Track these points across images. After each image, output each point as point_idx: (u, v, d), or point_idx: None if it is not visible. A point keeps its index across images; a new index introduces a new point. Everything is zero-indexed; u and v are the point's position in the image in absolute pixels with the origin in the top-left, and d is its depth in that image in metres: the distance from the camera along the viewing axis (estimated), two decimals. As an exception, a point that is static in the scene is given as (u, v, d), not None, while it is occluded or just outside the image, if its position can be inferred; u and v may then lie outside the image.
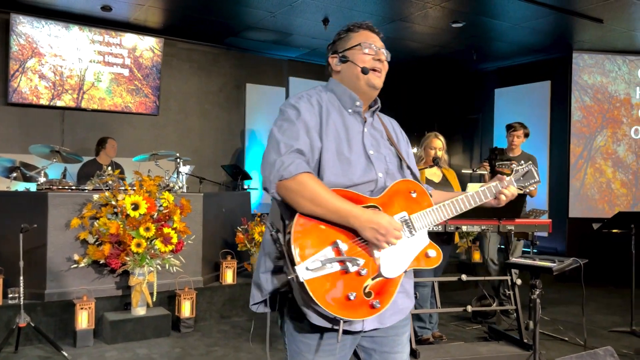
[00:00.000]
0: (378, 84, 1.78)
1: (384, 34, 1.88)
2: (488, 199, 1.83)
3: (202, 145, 7.76)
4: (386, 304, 1.61)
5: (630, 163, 7.60)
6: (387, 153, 1.81)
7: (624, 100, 7.59)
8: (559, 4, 5.73)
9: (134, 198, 4.29)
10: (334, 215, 1.56)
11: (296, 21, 6.53)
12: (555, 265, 2.67)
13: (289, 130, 1.65)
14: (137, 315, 4.34)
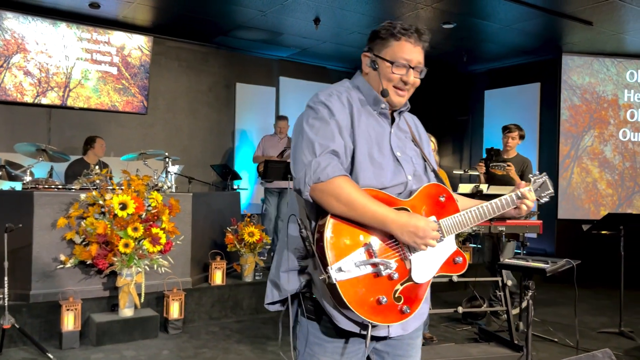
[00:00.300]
0: (398, 103, 1.73)
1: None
2: (510, 207, 1.78)
3: (191, 145, 7.69)
4: (415, 309, 1.59)
5: (617, 164, 7.65)
6: (413, 155, 1.77)
7: (612, 101, 7.65)
8: (549, 6, 5.75)
9: (121, 198, 4.23)
10: (371, 219, 1.53)
11: (287, 20, 6.49)
12: (549, 267, 2.67)
13: (322, 130, 1.60)
14: (124, 316, 4.28)
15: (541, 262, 2.70)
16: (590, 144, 7.65)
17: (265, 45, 7.75)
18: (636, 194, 7.63)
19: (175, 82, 7.58)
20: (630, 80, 7.57)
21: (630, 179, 7.65)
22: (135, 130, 7.26)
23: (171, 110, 7.57)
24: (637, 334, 4.83)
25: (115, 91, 7.08)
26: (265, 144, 6.91)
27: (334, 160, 1.55)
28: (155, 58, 7.32)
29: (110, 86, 7.04)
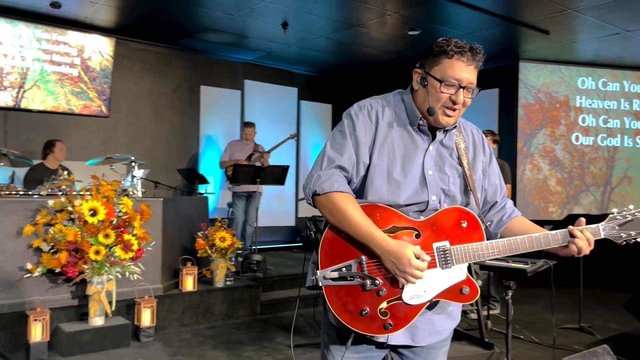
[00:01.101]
0: (445, 124, 1.67)
1: (341, 39, 1.83)
2: (558, 244, 1.63)
3: (155, 149, 7.55)
4: (400, 327, 1.59)
5: (566, 163, 7.94)
6: (452, 173, 1.70)
7: (563, 102, 7.94)
8: (509, 15, 5.97)
9: (92, 204, 4.12)
10: (360, 239, 1.57)
11: (254, 24, 6.48)
12: (529, 267, 2.78)
13: (338, 144, 1.66)
14: (94, 325, 4.17)
15: (521, 263, 2.82)
16: (542, 142, 7.92)
17: (230, 48, 7.70)
18: (583, 192, 7.93)
19: (138, 85, 7.43)
20: (581, 87, 7.93)
21: (578, 178, 7.95)
22: (97, 134, 7.07)
23: (134, 113, 7.41)
24: (595, 329, 5.08)
25: (73, 94, 6.87)
26: (233, 149, 6.86)
27: (336, 175, 1.61)
28: (118, 60, 7.15)
29: (67, 89, 6.83)
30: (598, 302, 6.30)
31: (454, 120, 1.68)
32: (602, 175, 7.95)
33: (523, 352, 4.35)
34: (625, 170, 7.97)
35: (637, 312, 4.45)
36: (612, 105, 7.97)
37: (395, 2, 5.66)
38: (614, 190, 7.97)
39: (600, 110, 7.95)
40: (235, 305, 5.26)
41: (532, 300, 6.25)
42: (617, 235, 1.63)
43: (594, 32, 6.36)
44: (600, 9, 5.52)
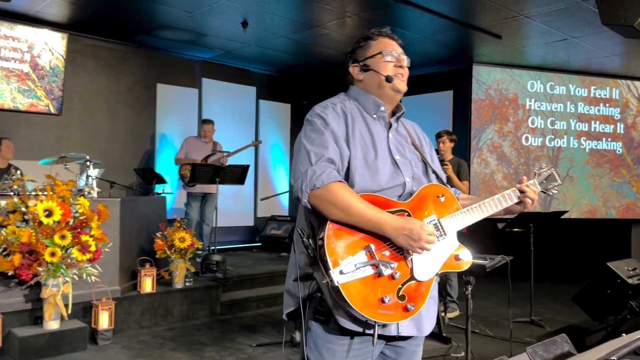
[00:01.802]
0: (403, 88, 1.82)
1: (301, 39, 1.92)
2: (514, 201, 1.83)
3: (110, 148, 7.36)
4: (420, 306, 1.62)
5: (513, 159, 8.16)
6: (413, 158, 1.82)
7: (512, 100, 8.18)
8: (464, 20, 6.15)
9: (47, 204, 4.00)
10: (367, 224, 1.58)
11: (214, 22, 6.43)
12: (488, 263, 2.90)
13: (318, 140, 1.67)
14: (50, 329, 4.05)
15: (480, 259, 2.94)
16: (490, 137, 8.10)
17: (188, 46, 7.60)
18: None
19: (92, 82, 7.23)
20: (530, 90, 8.25)
21: (523, 174, 8.22)
22: (49, 132, 6.84)
23: (88, 111, 7.20)
24: (545, 321, 5.31)
25: (20, 92, 6.60)
26: (189, 147, 6.76)
27: (329, 167, 1.62)
28: (71, 56, 6.93)
29: (14, 86, 6.56)
30: (547, 296, 6.58)
31: (405, 86, 1.83)
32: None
33: (479, 346, 4.51)
34: (567, 169, 8.31)
35: (585, 305, 4.70)
36: (559, 107, 8.33)
37: (356, 4, 5.74)
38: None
39: (548, 112, 8.29)
40: (195, 306, 5.21)
41: (484, 295, 6.47)
42: (545, 187, 1.94)
43: (542, 38, 6.63)
44: (549, 16, 5.77)
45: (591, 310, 4.65)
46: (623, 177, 8.45)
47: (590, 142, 8.39)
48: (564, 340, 1.42)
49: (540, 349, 1.36)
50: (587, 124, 8.39)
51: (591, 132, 8.39)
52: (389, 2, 5.55)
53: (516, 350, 4.30)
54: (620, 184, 8.43)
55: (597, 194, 8.34)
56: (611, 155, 8.44)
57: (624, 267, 4.42)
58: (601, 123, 8.44)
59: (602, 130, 8.45)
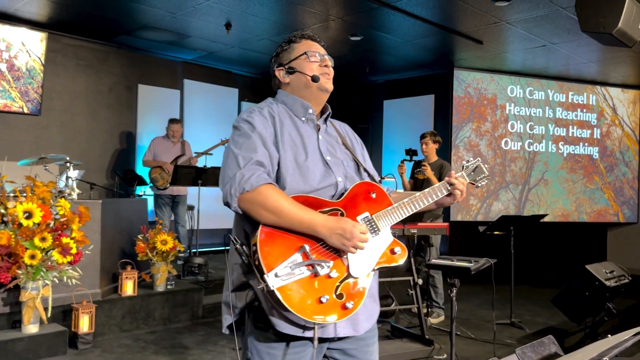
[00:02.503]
0: (329, 87, 1.83)
1: (281, 42, 1.93)
2: (444, 194, 1.86)
3: (90, 148, 7.26)
4: (358, 304, 1.61)
5: (489, 159, 8.22)
6: (344, 157, 1.84)
7: (491, 100, 8.25)
8: (446, 25, 6.22)
9: (26, 205, 3.93)
10: (299, 225, 1.57)
11: (197, 23, 6.39)
12: (472, 265, 2.94)
13: (245, 144, 1.65)
14: (28, 333, 3.97)
15: (465, 262, 2.97)
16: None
17: (170, 47, 7.55)
18: (503, 189, 8.22)
19: (72, 82, 7.12)
20: (510, 95, 8.37)
21: (499, 175, 8.24)
22: (28, 133, 6.71)
23: (68, 111, 7.09)
24: (525, 323, 5.39)
25: None
26: (157, 148, 6.67)
27: (259, 170, 1.60)
28: (51, 56, 6.82)
29: None
30: (526, 298, 6.68)
31: (332, 85, 1.84)
32: (522, 174, 8.33)
33: (461, 348, 4.55)
34: (542, 172, 8.45)
35: (563, 307, 4.78)
36: (538, 112, 8.47)
37: (340, 7, 5.77)
38: (531, 190, 8.37)
39: (527, 116, 8.42)
40: (177, 309, 5.16)
41: (465, 297, 6.54)
42: (473, 179, 1.99)
43: (523, 44, 6.74)
44: (529, 22, 5.88)
45: (570, 312, 4.73)
46: (596, 184, 8.61)
47: (568, 146, 8.55)
48: (551, 342, 1.45)
49: (529, 350, 1.38)
50: (564, 129, 8.55)
51: (568, 137, 8.55)
52: (373, 5, 5.59)
53: (499, 352, 4.36)
54: (593, 190, 8.59)
55: (571, 199, 8.48)
56: (585, 162, 8.60)
57: (601, 269, 4.51)
58: (578, 128, 8.61)
59: (579, 135, 8.62)
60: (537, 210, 8.29)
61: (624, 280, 4.58)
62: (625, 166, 8.75)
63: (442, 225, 4.58)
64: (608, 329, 4.65)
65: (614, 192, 8.67)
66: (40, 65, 6.72)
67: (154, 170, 6.49)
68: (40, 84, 6.73)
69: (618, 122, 8.76)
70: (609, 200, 8.64)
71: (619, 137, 8.77)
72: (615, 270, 4.63)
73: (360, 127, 9.75)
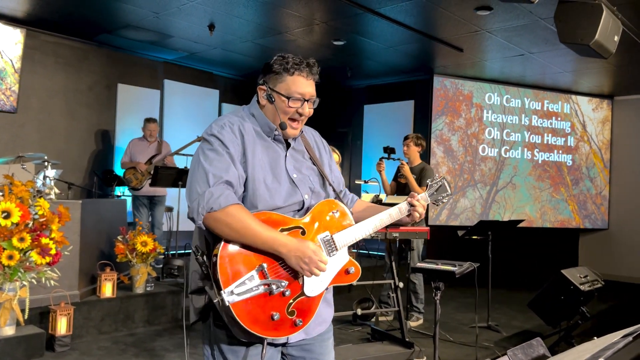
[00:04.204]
0: (292, 135, 1.85)
1: (267, 45, 1.93)
2: (404, 214, 1.92)
3: (68, 148, 7.14)
4: (308, 320, 1.71)
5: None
6: (310, 173, 1.88)
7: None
8: (428, 32, 6.31)
9: (4, 205, 3.86)
10: (262, 244, 1.63)
11: (180, 24, 6.36)
12: (457, 269, 2.99)
13: (216, 161, 1.69)
14: (4, 335, 3.89)
15: (450, 266, 3.02)
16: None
17: (150, 47, 7.48)
18: (471, 187, 8.33)
19: (50, 80, 7.00)
20: (488, 102, 8.52)
21: (468, 172, 8.34)
22: (4, 131, 6.57)
23: (46, 109, 6.96)
24: (501, 326, 5.49)
25: None
26: (133, 149, 6.61)
27: (227, 190, 1.65)
28: (29, 53, 6.69)
29: None
30: (502, 301, 6.80)
31: (298, 132, 1.86)
32: (491, 175, 8.45)
33: (441, 351, 4.56)
34: (511, 176, 8.60)
35: (539, 310, 4.89)
36: (514, 120, 8.64)
37: (324, 12, 5.80)
38: (499, 191, 8.50)
39: (503, 124, 8.57)
40: (156, 311, 5.12)
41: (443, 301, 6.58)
42: (435, 199, 2.03)
43: (501, 52, 6.88)
44: (509, 32, 6.01)
45: (545, 315, 4.84)
46: (561, 195, 8.81)
47: (543, 153, 8.74)
48: (539, 344, 1.51)
49: (520, 352, 1.44)
50: (539, 137, 8.74)
51: (543, 144, 8.74)
52: (357, 11, 5.64)
53: (478, 353, 4.44)
54: (558, 201, 8.77)
55: (536, 206, 8.65)
56: (553, 172, 8.77)
57: (576, 274, 4.63)
58: (553, 136, 8.81)
59: (554, 142, 8.82)
60: (503, 212, 8.41)
61: (597, 285, 4.71)
62: (590, 182, 8.96)
63: (423, 229, 4.64)
64: (581, 332, 4.77)
65: (577, 205, 8.86)
66: (12, 66, 6.56)
67: (128, 171, 6.42)
68: (9, 86, 6.57)
69: (587, 139, 8.99)
70: (573, 212, 8.83)
71: (587, 153, 8.97)
72: (589, 275, 4.76)
73: (341, 131, 9.82)
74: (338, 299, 6.25)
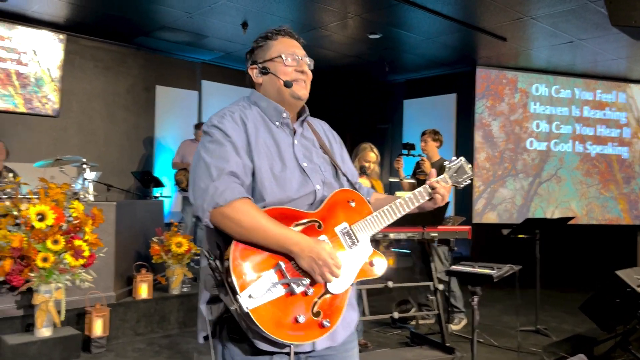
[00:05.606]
0: (303, 95, 1.71)
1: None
2: (425, 199, 1.78)
3: (108, 151, 7.26)
4: (336, 321, 1.56)
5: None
6: (321, 162, 1.74)
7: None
8: (469, 21, 6.05)
9: (39, 208, 3.89)
10: (273, 243, 1.49)
11: (214, 23, 6.34)
12: (495, 273, 2.78)
13: (217, 152, 1.56)
14: (42, 336, 3.92)
15: (487, 269, 2.82)
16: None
17: (188, 48, 7.51)
18: (510, 176, 7.90)
19: (90, 84, 7.13)
20: (535, 93, 8.13)
21: (508, 161, 7.91)
22: (46, 134, 6.74)
23: (86, 113, 7.10)
24: (551, 330, 5.18)
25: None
26: (185, 150, 6.65)
27: (233, 182, 1.52)
28: (69, 57, 6.84)
29: None
30: (553, 304, 6.45)
31: (307, 92, 1.73)
32: (534, 166, 8.01)
33: (484, 356, 4.38)
34: (556, 168, 8.14)
35: (592, 314, 4.56)
36: (563, 111, 8.20)
37: (357, 5, 5.64)
38: (542, 184, 8.05)
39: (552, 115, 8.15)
40: (192, 313, 5.08)
41: (489, 303, 6.34)
42: (456, 180, 1.87)
43: (548, 40, 6.52)
44: (556, 17, 5.67)
45: (599, 319, 4.51)
46: (611, 192, 8.26)
47: (596, 146, 8.26)
48: (583, 361, 1.30)
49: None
50: (592, 128, 8.26)
51: (595, 136, 8.26)
52: (392, 2, 5.45)
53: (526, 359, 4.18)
54: (607, 198, 8.22)
55: (583, 202, 8.14)
56: (603, 168, 8.24)
57: (633, 275, 4.29)
58: (607, 127, 8.31)
59: (608, 134, 8.32)
60: (546, 206, 7.97)
61: (657, 287, 4.35)
62: (643, 180, 8.39)
63: (464, 228, 4.41)
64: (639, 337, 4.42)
65: (628, 204, 8.30)
66: (49, 75, 6.71)
67: (179, 172, 6.49)
68: (45, 94, 6.72)
69: (641, 134, 8.43)
70: (622, 211, 8.27)
71: (640, 151, 8.42)
72: (647, 276, 4.40)
73: (380, 128, 9.61)
74: (376, 301, 6.11)
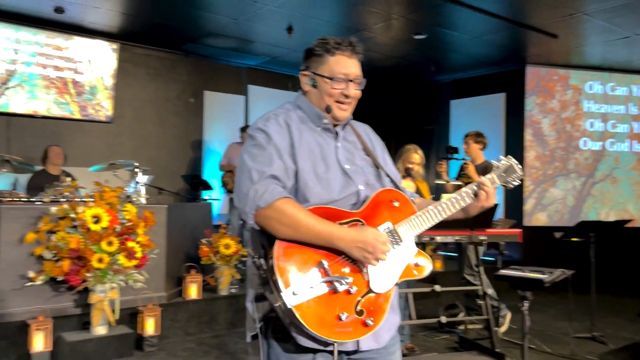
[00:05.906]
0: (342, 117, 1.74)
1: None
2: (471, 198, 1.77)
3: (159, 155, 7.49)
4: (380, 320, 1.57)
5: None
6: (364, 164, 1.77)
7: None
8: (516, 19, 5.90)
9: (95, 210, 4.05)
10: (317, 239, 1.52)
11: (259, 29, 6.44)
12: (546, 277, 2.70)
13: (260, 156, 1.61)
14: (97, 334, 4.09)
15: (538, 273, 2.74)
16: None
17: (234, 53, 7.66)
18: (563, 176, 7.66)
19: (142, 90, 7.39)
20: (589, 92, 7.84)
21: (559, 160, 7.66)
22: (101, 140, 7.03)
23: (138, 119, 7.36)
24: (607, 338, 4.97)
25: (56, 103, 6.76)
26: (232, 153, 6.78)
27: (273, 184, 1.56)
28: (122, 65, 7.11)
29: (52, 96, 6.71)
30: (609, 310, 6.18)
31: (349, 113, 1.76)
32: (587, 166, 7.70)
33: (535, 362, 4.25)
34: (612, 169, 7.78)
35: (652, 321, 4.35)
36: (620, 109, 7.87)
37: (401, 5, 5.61)
38: (596, 184, 7.73)
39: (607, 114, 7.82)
40: (240, 313, 5.17)
41: (541, 307, 6.14)
42: (504, 180, 1.86)
43: (602, 36, 6.29)
44: (609, 12, 5.46)
45: (660, 327, 4.30)
46: None
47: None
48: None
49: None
50: (651, 127, 7.90)
51: (656, 135, 7.89)
52: (437, 2, 5.39)
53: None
54: None
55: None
56: None
57: (697, 281, 4.06)
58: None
59: (669, 133, 7.93)
60: (600, 207, 7.63)
61: None
62: None
63: (514, 231, 4.30)
64: None
65: None
66: (102, 83, 6.99)
67: (226, 174, 6.62)
68: (99, 102, 7.02)
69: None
70: None
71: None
72: None
73: (426, 129, 9.48)
74: (424, 304, 6.03)
